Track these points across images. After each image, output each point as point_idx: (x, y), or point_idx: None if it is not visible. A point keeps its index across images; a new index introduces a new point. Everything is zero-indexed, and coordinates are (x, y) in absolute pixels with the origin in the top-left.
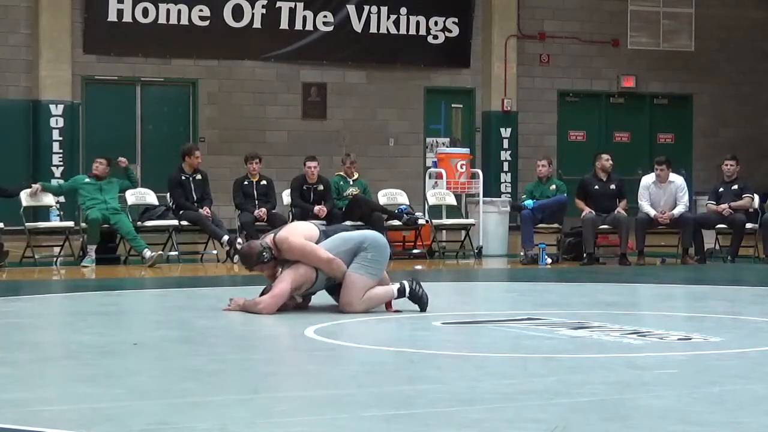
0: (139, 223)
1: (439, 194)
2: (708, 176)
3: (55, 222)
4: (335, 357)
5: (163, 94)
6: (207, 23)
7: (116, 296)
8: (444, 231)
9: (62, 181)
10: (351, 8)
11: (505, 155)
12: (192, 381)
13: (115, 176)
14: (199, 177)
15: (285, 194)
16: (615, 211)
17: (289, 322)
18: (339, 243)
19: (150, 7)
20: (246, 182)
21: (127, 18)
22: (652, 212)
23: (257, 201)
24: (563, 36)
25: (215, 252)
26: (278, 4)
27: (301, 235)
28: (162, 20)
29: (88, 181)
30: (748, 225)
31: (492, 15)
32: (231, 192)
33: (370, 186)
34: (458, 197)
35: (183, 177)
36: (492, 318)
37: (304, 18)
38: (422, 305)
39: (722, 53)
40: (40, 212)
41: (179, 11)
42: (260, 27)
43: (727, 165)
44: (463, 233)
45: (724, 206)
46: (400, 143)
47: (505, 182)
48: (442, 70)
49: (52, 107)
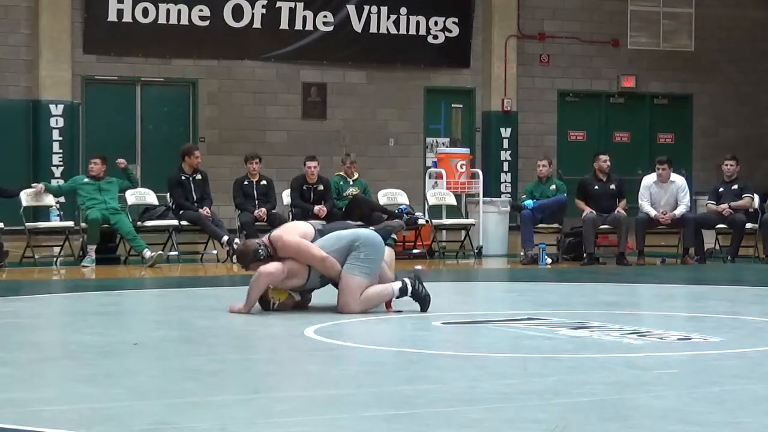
0: (139, 223)
1: (439, 194)
2: (708, 176)
3: (55, 222)
4: (335, 357)
5: (163, 94)
6: (207, 23)
7: (116, 296)
8: (444, 231)
9: (62, 182)
10: (351, 8)
11: (505, 155)
12: (192, 381)
13: (115, 176)
14: (199, 177)
15: (285, 194)
16: (615, 211)
17: (289, 322)
18: (332, 241)
19: (150, 7)
20: (246, 182)
21: (127, 18)
22: (653, 212)
23: (257, 201)
24: (563, 36)
25: (215, 252)
26: (278, 4)
27: (296, 234)
28: (162, 20)
29: (87, 182)
30: (748, 225)
31: (492, 15)
32: (231, 192)
33: (370, 186)
34: (458, 197)
35: (183, 177)
36: (492, 318)
37: (304, 18)
38: (424, 305)
39: (722, 53)
40: (40, 212)
41: (179, 11)
42: (260, 27)
43: (727, 165)
44: (463, 233)
45: (724, 206)
46: (400, 143)
47: (505, 182)
48: (442, 70)
49: (52, 107)
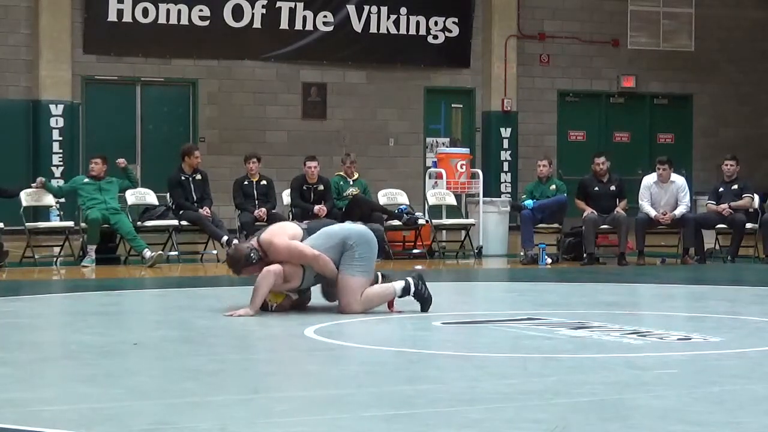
0: (139, 223)
1: (439, 194)
2: (708, 176)
3: (55, 222)
4: (335, 357)
5: (163, 94)
6: (207, 23)
7: (116, 296)
8: (444, 231)
9: (62, 182)
10: (351, 8)
11: (505, 155)
12: (192, 381)
13: (115, 176)
14: (199, 177)
15: (285, 194)
16: (614, 211)
17: (289, 323)
18: (324, 239)
19: (150, 7)
20: (246, 182)
21: (127, 18)
22: (653, 212)
23: (257, 201)
24: (563, 36)
25: (215, 252)
26: (278, 4)
27: (286, 236)
28: (162, 20)
29: (88, 182)
30: (748, 225)
31: (492, 15)
32: (231, 192)
33: (370, 186)
34: (458, 197)
35: (183, 177)
36: (492, 318)
37: (304, 18)
38: (425, 305)
39: (722, 53)
40: (40, 212)
41: (179, 11)
42: (260, 27)
43: (727, 165)
44: (463, 233)
45: (724, 206)
46: (400, 143)
47: (505, 182)
48: (442, 70)
49: (52, 107)
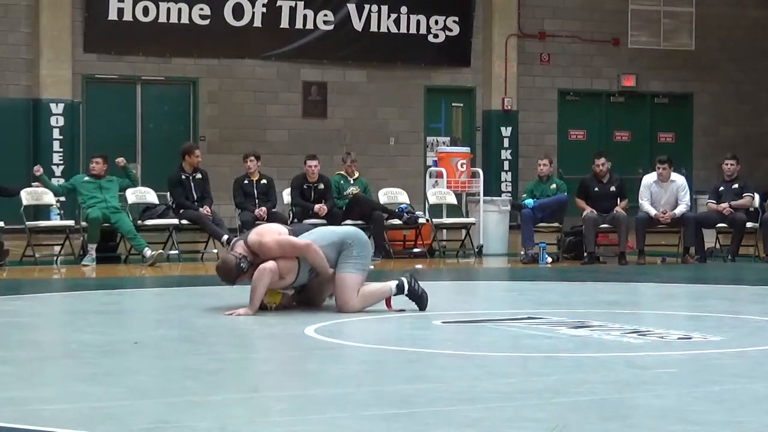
0: (140, 222)
1: (440, 193)
2: (708, 175)
3: (56, 221)
4: (335, 356)
5: (164, 93)
6: (207, 22)
7: (117, 295)
8: (444, 230)
9: (62, 181)
10: (351, 7)
11: (506, 154)
12: (192, 380)
13: (115, 175)
14: (200, 176)
15: (285, 193)
16: (614, 210)
17: (290, 322)
18: (318, 237)
19: (150, 6)
20: (246, 181)
21: (128, 17)
22: (653, 211)
23: (257, 200)
24: (564, 35)
25: (215, 251)
26: (278, 3)
27: (273, 233)
28: (162, 19)
29: (88, 180)
30: (749, 224)
31: (492, 14)
32: (231, 191)
33: (371, 185)
34: (459, 196)
35: (183, 176)
36: (492, 317)
37: (305, 17)
38: (421, 304)
39: (722, 52)
40: (41, 211)
41: (179, 10)
42: (260, 26)
43: (728, 164)
44: (464, 232)
45: (725, 205)
46: (401, 142)
47: (506, 181)
48: (443, 69)
49: (53, 106)
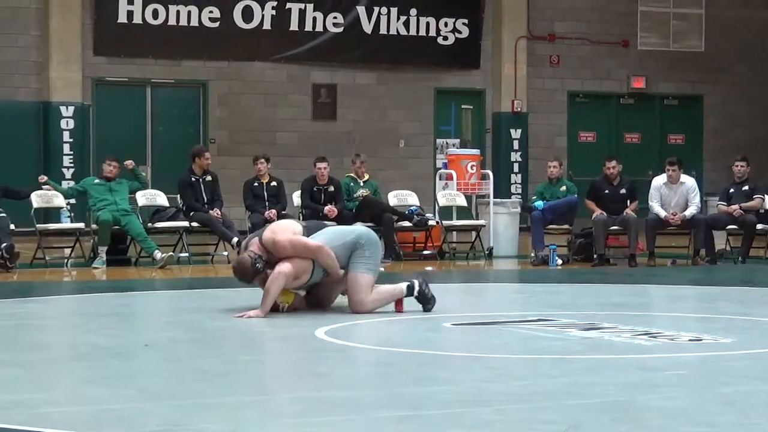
0: (150, 225)
1: (450, 195)
2: (718, 177)
3: (66, 223)
4: (346, 358)
5: (174, 96)
6: (217, 24)
7: (127, 297)
8: (454, 232)
9: (73, 184)
10: (361, 9)
11: (516, 156)
12: (202, 382)
13: (125, 177)
14: (210, 178)
15: (295, 195)
16: (624, 212)
17: (300, 323)
18: (332, 237)
19: (160, 9)
20: (256, 183)
21: (137, 19)
22: (663, 213)
23: (267, 202)
24: (573, 37)
25: (226, 253)
26: (288, 6)
27: (287, 232)
28: (172, 22)
29: (98, 182)
30: (759, 226)
31: (502, 16)
32: (241, 193)
33: (381, 187)
34: (468, 198)
35: (193, 179)
36: (503, 319)
37: (314, 19)
38: (427, 307)
39: (733, 54)
40: (51, 214)
41: (189, 13)
42: (270, 28)
43: (738, 166)
44: (474, 234)
45: (735, 207)
46: (411, 144)
47: (516, 183)
48: (452, 71)
49: (63, 109)
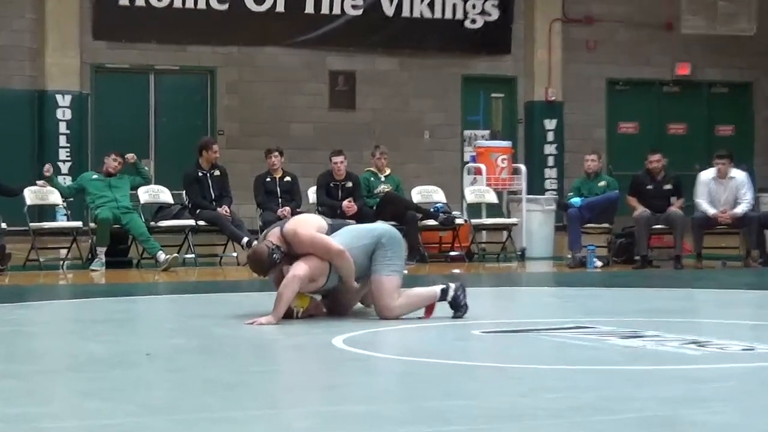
0: (153, 224)
1: (479, 191)
2: None
3: (62, 222)
4: (365, 369)
5: (179, 84)
6: (226, 7)
7: (128, 302)
8: (484, 231)
9: (69, 179)
10: None
11: (550, 149)
12: (209, 395)
13: (126, 172)
14: (218, 173)
15: (311, 192)
16: (669, 210)
17: (316, 331)
18: (352, 238)
19: None
20: (268, 179)
21: (140, 2)
22: (711, 211)
23: (280, 199)
24: (612, 20)
25: (235, 255)
26: None
27: (311, 226)
28: (177, 4)
29: (97, 178)
30: None
31: None
32: (252, 189)
33: (404, 182)
34: (499, 194)
35: (200, 173)
36: (536, 326)
37: (331, 1)
38: (457, 314)
39: None
40: (46, 211)
41: None
42: (283, 11)
43: None
44: (505, 234)
45: None
46: (436, 136)
47: (550, 178)
48: (481, 57)
49: (59, 98)
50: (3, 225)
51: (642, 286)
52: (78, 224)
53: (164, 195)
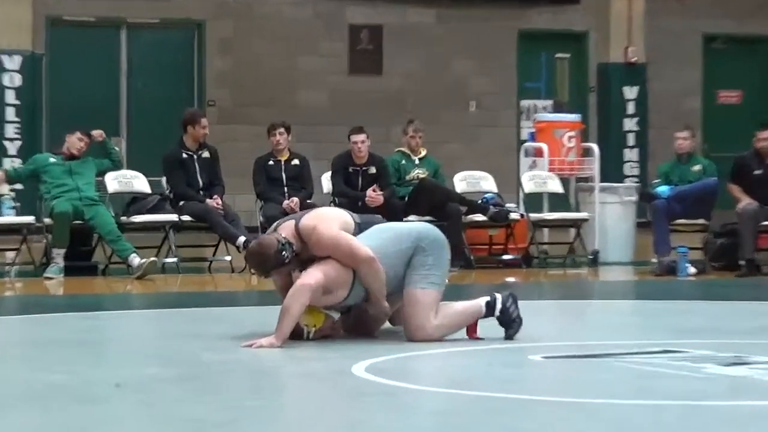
0: (124, 219)
1: (539, 178)
2: None
3: (9, 217)
4: (393, 404)
5: (158, 42)
6: None
7: (92, 319)
8: (545, 229)
9: (19, 163)
10: None
11: (630, 124)
12: None
13: (91, 154)
14: (207, 155)
15: (324, 178)
16: None
17: (331, 355)
18: (385, 240)
19: None
20: (271, 162)
21: None
22: None
23: (286, 188)
24: None
25: (228, 258)
26: None
27: (335, 224)
28: None
29: (54, 161)
30: None
31: None
32: (251, 176)
33: (444, 167)
34: (565, 182)
35: (184, 155)
36: (611, 350)
37: None
38: (510, 332)
39: None
40: None
41: None
42: None
43: None
44: (573, 232)
45: None
46: (485, 108)
47: (631, 161)
48: (542, 8)
49: (5, 59)
50: None
51: (747, 299)
52: (29, 220)
53: (139, 182)
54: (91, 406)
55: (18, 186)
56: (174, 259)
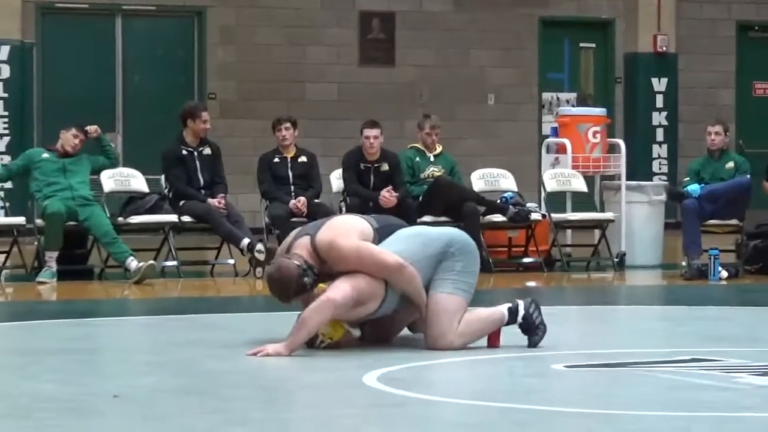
0: (121, 220)
1: (562, 176)
2: None
3: None
4: (408, 415)
5: (156, 31)
6: None
7: (88, 326)
8: (569, 230)
9: (8, 160)
10: None
11: (659, 118)
12: None
13: (85, 151)
14: (208, 151)
15: (334, 176)
16: None
17: (342, 365)
18: (418, 246)
19: None
20: (276, 159)
21: None
22: None
23: (293, 186)
24: None
25: (232, 262)
26: None
27: (354, 234)
28: None
29: (47, 158)
30: None
31: None
32: (255, 174)
33: (460, 164)
34: (590, 181)
35: (184, 151)
36: (639, 359)
37: None
38: (534, 339)
39: None
40: None
41: None
42: None
43: None
44: (598, 234)
45: None
46: (504, 101)
47: (659, 158)
48: None
49: None
50: None
51: None
52: (20, 221)
53: (136, 181)
54: (88, 419)
55: (7, 184)
56: (174, 263)
